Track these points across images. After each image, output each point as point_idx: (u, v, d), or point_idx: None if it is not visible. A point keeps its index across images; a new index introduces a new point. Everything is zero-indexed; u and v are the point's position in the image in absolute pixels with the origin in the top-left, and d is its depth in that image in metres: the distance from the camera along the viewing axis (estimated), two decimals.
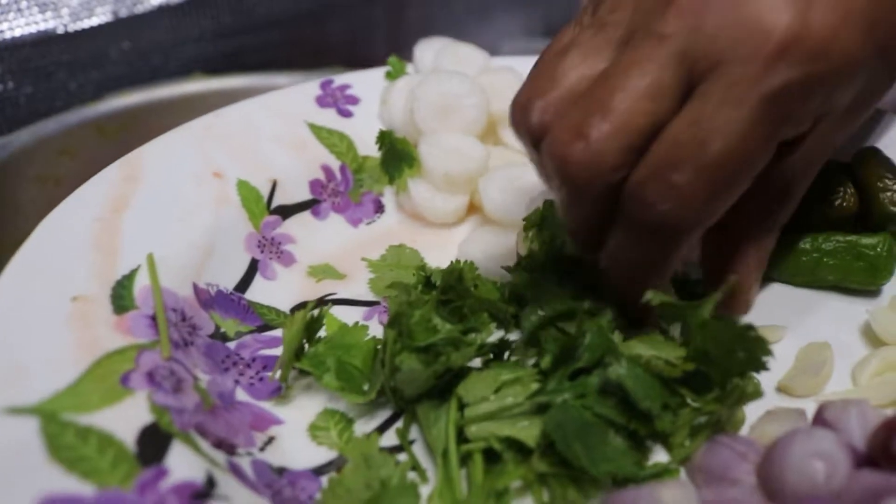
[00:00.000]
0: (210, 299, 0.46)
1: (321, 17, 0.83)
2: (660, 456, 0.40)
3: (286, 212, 0.53)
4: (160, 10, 0.78)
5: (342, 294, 0.50)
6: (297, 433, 0.42)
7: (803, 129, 0.38)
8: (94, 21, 0.75)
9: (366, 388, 0.43)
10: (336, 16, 0.78)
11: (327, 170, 0.56)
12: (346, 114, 0.58)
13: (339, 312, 0.48)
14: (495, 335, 0.44)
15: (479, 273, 0.47)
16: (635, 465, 0.38)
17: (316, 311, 0.44)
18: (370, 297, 0.50)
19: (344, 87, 0.59)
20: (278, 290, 0.49)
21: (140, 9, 0.77)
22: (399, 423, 0.42)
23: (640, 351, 0.40)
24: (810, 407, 0.41)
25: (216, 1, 0.80)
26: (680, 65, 0.35)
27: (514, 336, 0.46)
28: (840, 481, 0.35)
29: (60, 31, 0.74)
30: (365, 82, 0.60)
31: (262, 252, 0.51)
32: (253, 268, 0.50)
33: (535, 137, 0.38)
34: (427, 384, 0.41)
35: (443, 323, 0.42)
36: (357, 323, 0.45)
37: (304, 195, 0.55)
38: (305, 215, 0.54)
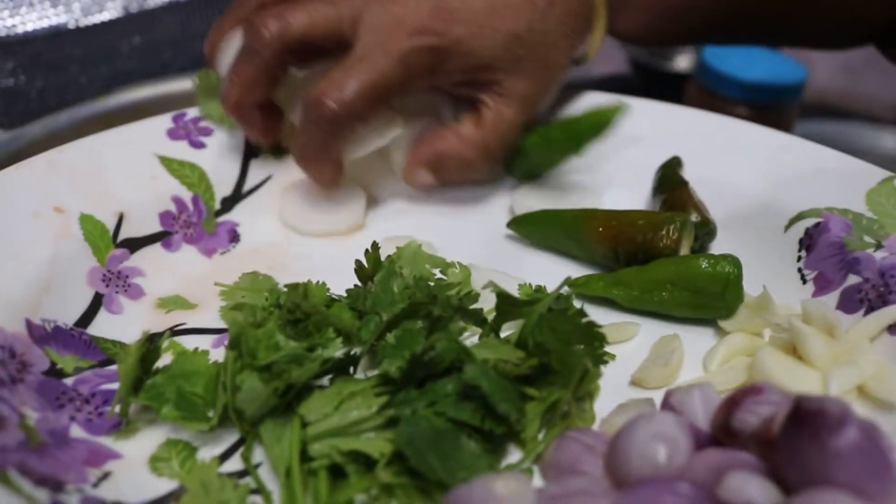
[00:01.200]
0: (46, 335, 0.44)
1: None
2: (514, 458, 0.40)
3: (134, 245, 0.52)
4: (170, 6, 0.81)
5: (192, 324, 0.48)
6: (137, 467, 0.39)
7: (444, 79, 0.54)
8: (105, 16, 0.78)
9: (210, 414, 0.41)
10: None
11: (179, 201, 0.54)
12: (198, 145, 0.57)
13: (189, 343, 0.46)
14: (343, 351, 0.43)
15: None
16: (490, 468, 0.37)
17: (152, 342, 0.42)
18: (221, 325, 0.48)
19: (197, 120, 0.58)
20: (125, 324, 0.47)
21: (150, 4, 0.80)
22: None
23: (485, 355, 0.40)
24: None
25: None
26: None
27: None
28: (681, 461, 0.35)
29: (72, 25, 0.76)
30: None
31: (107, 286, 0.49)
32: (97, 302, 0.48)
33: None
34: (269, 403, 0.39)
35: (286, 341, 0.41)
36: (196, 349, 0.43)
37: (154, 227, 0.53)
38: (156, 248, 0.52)
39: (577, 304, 0.42)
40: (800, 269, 0.49)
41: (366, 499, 0.37)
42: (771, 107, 0.76)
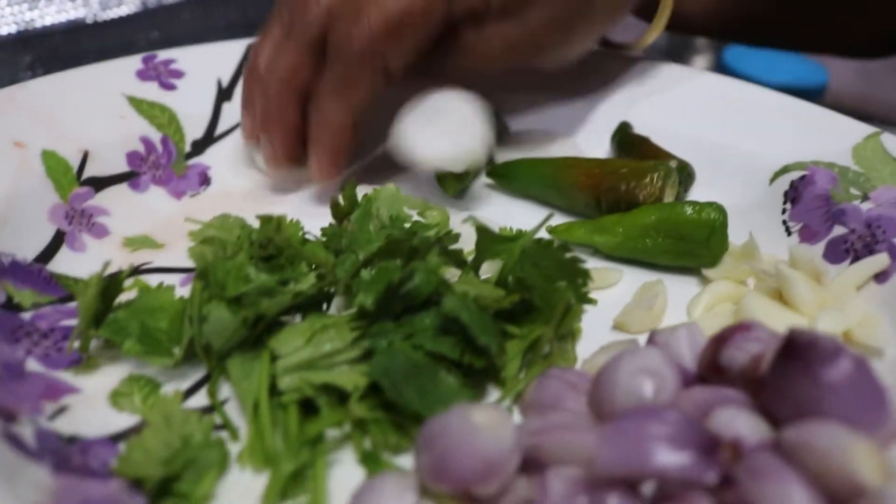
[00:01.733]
0: (2, 269, 0.42)
1: None
2: (493, 397, 0.38)
3: (99, 184, 0.49)
4: (188, 1, 0.81)
5: (159, 263, 0.46)
6: (97, 402, 0.38)
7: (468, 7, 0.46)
8: (123, 10, 0.78)
9: (176, 350, 0.39)
10: None
11: (147, 142, 0.52)
12: (168, 87, 0.55)
13: (154, 282, 0.44)
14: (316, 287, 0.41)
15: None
16: (470, 402, 0.35)
17: (114, 275, 0.40)
18: (189, 264, 0.46)
19: (168, 62, 0.56)
20: (88, 262, 0.45)
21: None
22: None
23: (465, 289, 0.38)
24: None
25: None
26: None
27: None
28: (668, 396, 0.34)
29: (90, 20, 0.77)
30: (191, 57, 0.57)
31: (69, 224, 0.47)
32: (58, 239, 0.46)
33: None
34: (237, 335, 0.37)
35: (257, 273, 0.39)
36: (162, 284, 0.41)
37: (121, 167, 0.51)
38: (122, 188, 0.50)
39: None
40: (784, 222, 0.48)
41: (338, 434, 0.36)
42: None
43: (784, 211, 0.49)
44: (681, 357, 0.37)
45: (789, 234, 0.48)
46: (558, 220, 0.50)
